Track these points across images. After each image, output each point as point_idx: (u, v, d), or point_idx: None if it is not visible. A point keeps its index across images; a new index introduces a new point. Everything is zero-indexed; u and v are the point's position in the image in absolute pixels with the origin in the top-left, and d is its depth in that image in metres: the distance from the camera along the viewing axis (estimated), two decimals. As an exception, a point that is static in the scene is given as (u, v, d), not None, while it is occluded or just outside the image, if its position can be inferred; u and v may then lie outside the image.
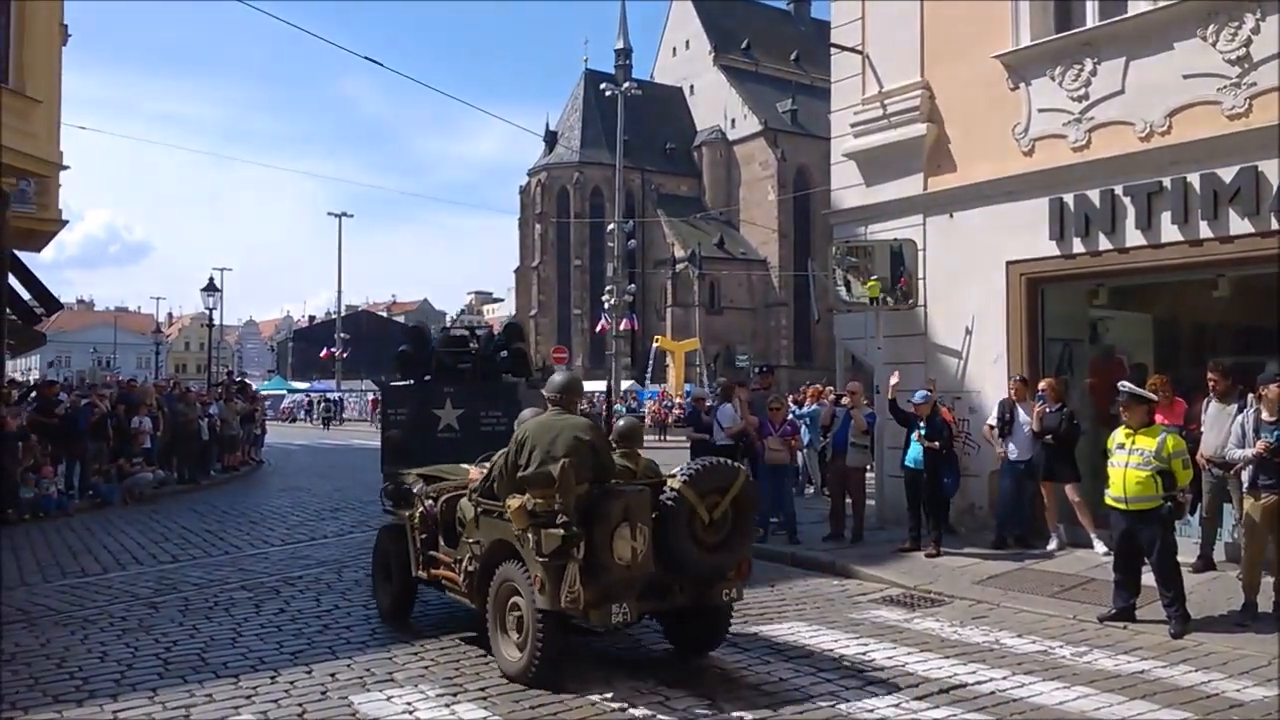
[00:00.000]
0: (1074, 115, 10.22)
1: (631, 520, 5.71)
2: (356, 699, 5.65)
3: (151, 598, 8.52)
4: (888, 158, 11.98)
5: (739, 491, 6.29)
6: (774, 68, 76.18)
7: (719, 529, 6.20)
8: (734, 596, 6.35)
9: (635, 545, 5.69)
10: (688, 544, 6.03)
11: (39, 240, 20.58)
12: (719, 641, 6.60)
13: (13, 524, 12.73)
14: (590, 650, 6.64)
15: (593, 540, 5.67)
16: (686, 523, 6.05)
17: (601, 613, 5.74)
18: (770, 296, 70.95)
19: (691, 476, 6.22)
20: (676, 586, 6.13)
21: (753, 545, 6.74)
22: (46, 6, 15.40)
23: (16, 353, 26.76)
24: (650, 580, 5.95)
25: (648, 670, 6.21)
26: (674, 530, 5.99)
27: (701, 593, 6.20)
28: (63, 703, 5.62)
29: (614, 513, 5.72)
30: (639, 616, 6.07)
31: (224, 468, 20.53)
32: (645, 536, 5.75)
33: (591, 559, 5.65)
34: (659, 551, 5.92)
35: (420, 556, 7.16)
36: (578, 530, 5.68)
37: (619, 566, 5.67)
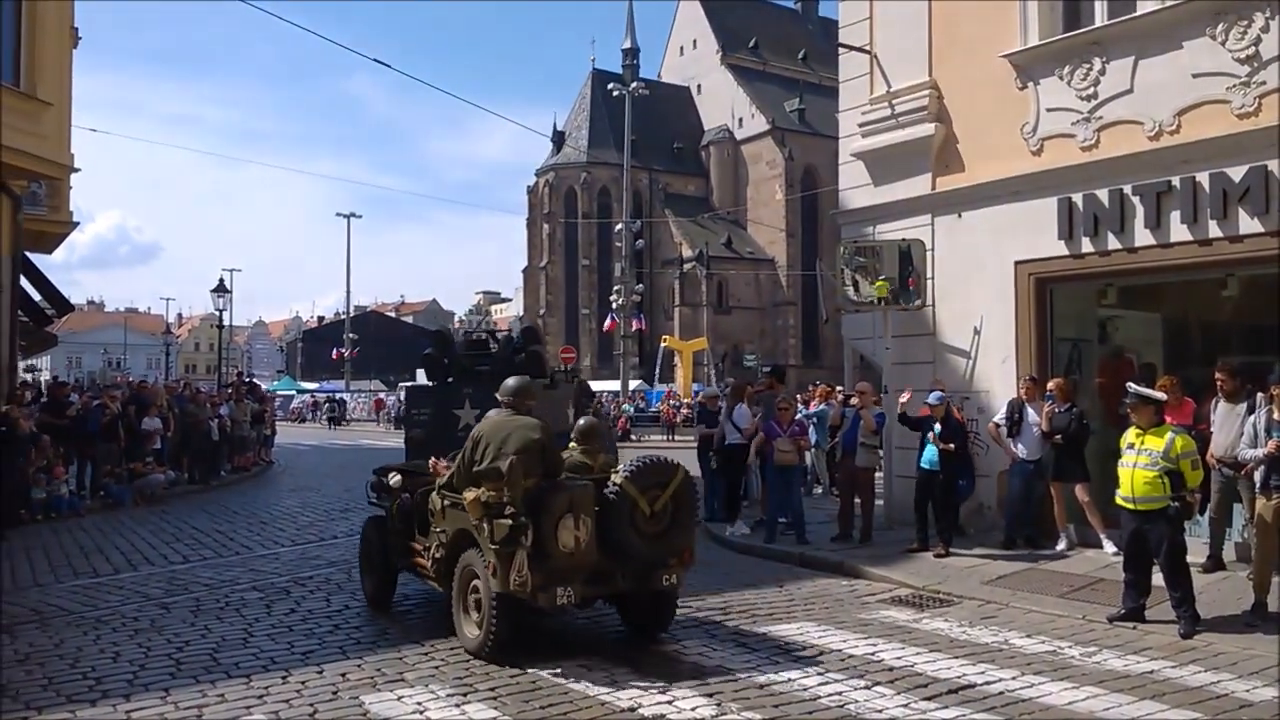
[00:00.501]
0: (1082, 115, 10.20)
1: (575, 512, 6.30)
2: (367, 699, 5.68)
3: (163, 598, 8.57)
4: (896, 157, 11.97)
5: (678, 486, 6.81)
6: (782, 67, 76.13)
7: (660, 520, 6.71)
8: (674, 582, 6.83)
9: (578, 534, 6.28)
10: (629, 534, 6.56)
11: (50, 242, 20.72)
12: (667, 624, 7.09)
13: (25, 524, 12.82)
14: (597, 650, 6.66)
15: (539, 529, 6.21)
16: (628, 514, 6.57)
17: (548, 595, 6.27)
18: (778, 296, 70.92)
19: (633, 473, 6.73)
20: (619, 573, 6.66)
21: (694, 535, 7.23)
22: (57, 9, 15.49)
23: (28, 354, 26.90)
24: (594, 567, 6.50)
25: (654, 671, 6.22)
26: (617, 521, 6.53)
27: (644, 579, 6.73)
28: (76, 702, 5.66)
29: (558, 505, 6.29)
30: (584, 600, 6.62)
31: (234, 468, 20.61)
32: (588, 527, 6.34)
33: (538, 546, 6.20)
34: (603, 540, 6.49)
35: (398, 545, 7.76)
36: (525, 520, 6.23)
37: (563, 554, 6.24)
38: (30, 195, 17.28)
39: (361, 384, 64.12)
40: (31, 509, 13.39)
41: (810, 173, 68.26)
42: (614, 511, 6.56)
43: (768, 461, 11.15)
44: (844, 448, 11.24)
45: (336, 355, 63.44)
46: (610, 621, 7.54)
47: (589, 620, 7.58)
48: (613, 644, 6.89)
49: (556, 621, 7.52)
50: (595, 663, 6.36)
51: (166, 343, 72.00)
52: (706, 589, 8.83)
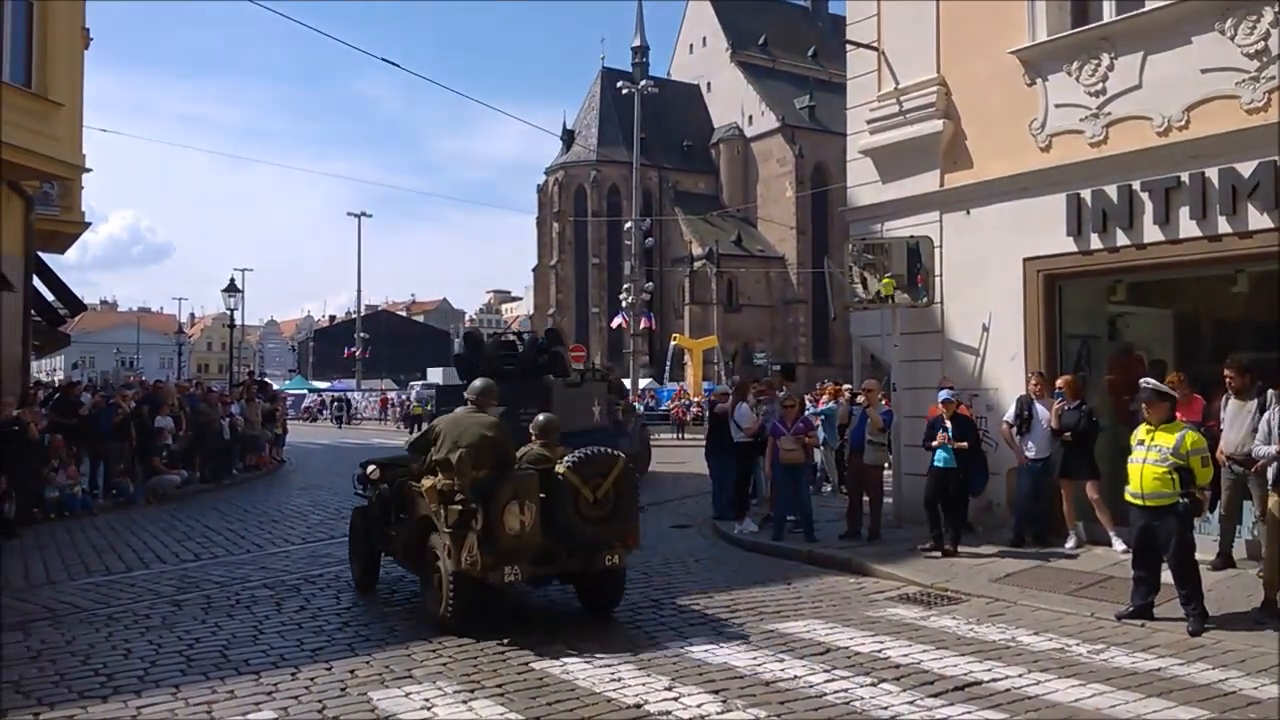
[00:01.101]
0: (1091, 111, 10.17)
1: (520, 498, 6.94)
2: (375, 695, 5.72)
3: (174, 595, 8.63)
4: (904, 154, 11.96)
5: (619, 475, 7.44)
6: (791, 64, 76.02)
7: (602, 506, 7.33)
8: (616, 562, 7.43)
9: (523, 519, 6.92)
10: (573, 518, 7.19)
11: (62, 242, 20.87)
12: (616, 601, 7.73)
13: (38, 523, 12.91)
14: (604, 648, 6.68)
15: (488, 514, 6.86)
16: (572, 501, 7.20)
17: (497, 574, 6.92)
18: (788, 294, 70.82)
19: (575, 463, 7.35)
20: (564, 553, 7.30)
21: (637, 520, 7.71)
22: (68, 11, 15.59)
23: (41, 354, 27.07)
24: (540, 548, 7.13)
25: (660, 667, 6.24)
26: (561, 507, 7.17)
27: (589, 559, 7.34)
28: (88, 699, 5.71)
29: (505, 492, 6.94)
30: (531, 578, 7.33)
31: (246, 467, 20.71)
32: (532, 512, 6.98)
33: (487, 530, 6.85)
34: (548, 524, 7.13)
35: (378, 532, 8.45)
36: (475, 506, 6.90)
37: (509, 536, 6.88)
38: (42, 196, 17.41)
39: (373, 383, 64.29)
40: (45, 508, 13.48)
41: (820, 170, 68.11)
42: (559, 498, 7.17)
43: (775, 459, 11.15)
44: (852, 445, 11.23)
45: (347, 354, 63.69)
46: (617, 619, 7.57)
47: (596, 618, 7.61)
48: (620, 641, 6.91)
49: (565, 619, 7.56)
50: (601, 660, 6.39)
51: (179, 342, 72.46)
52: (714, 586, 8.85)
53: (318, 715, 5.42)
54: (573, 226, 72.95)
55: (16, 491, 12.09)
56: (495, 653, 6.60)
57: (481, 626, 6.85)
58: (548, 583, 7.91)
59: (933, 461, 10.06)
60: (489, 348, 16.87)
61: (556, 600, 8.33)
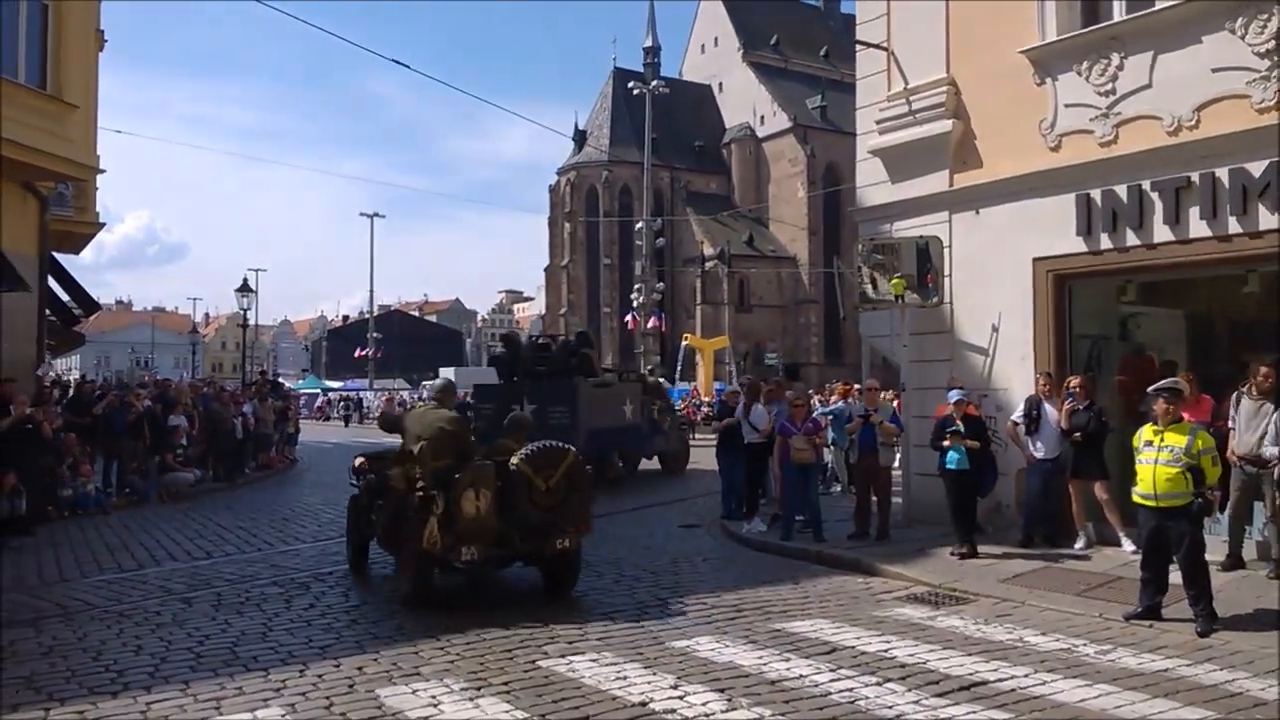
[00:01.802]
0: (1101, 110, 10.13)
1: (475, 486, 7.71)
2: (382, 692, 5.75)
3: (185, 593, 8.70)
4: (913, 154, 11.93)
5: (569, 467, 8.19)
6: (803, 64, 75.83)
7: (554, 495, 8.07)
8: (567, 546, 8.14)
9: (479, 504, 7.68)
10: (526, 506, 7.93)
11: (77, 242, 21.03)
12: (573, 583, 8.43)
13: (52, 521, 13.02)
14: (609, 646, 6.71)
15: (448, 500, 7.61)
16: (525, 490, 7.93)
17: (455, 553, 7.69)
18: (800, 294, 70.68)
19: (527, 455, 8.10)
20: (518, 537, 7.98)
21: (588, 507, 8.50)
22: (82, 13, 15.70)
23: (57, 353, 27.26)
24: (496, 531, 7.85)
25: (665, 666, 6.26)
26: (516, 495, 7.90)
27: (541, 543, 8.06)
28: (98, 694, 5.76)
29: (462, 480, 7.70)
30: (487, 559, 8.00)
31: (259, 466, 20.82)
32: (487, 499, 7.73)
33: (446, 514, 7.60)
34: (504, 510, 7.86)
35: (364, 518, 9.34)
36: (435, 493, 7.66)
37: (467, 519, 7.64)
38: (57, 196, 17.55)
39: (385, 382, 64.46)
40: (59, 505, 13.60)
41: (832, 170, 67.89)
42: (513, 487, 7.91)
43: (784, 459, 11.14)
44: (860, 446, 11.22)
45: (360, 354, 63.90)
46: (623, 618, 7.60)
47: (602, 616, 7.64)
48: (626, 640, 6.93)
49: (567, 615, 7.59)
50: (607, 658, 6.42)
51: (193, 341, 72.70)
52: (721, 586, 8.86)
53: (325, 712, 5.46)
54: (584, 227, 72.96)
55: (29, 489, 12.18)
56: (502, 651, 6.63)
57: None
58: (508, 564, 8.52)
59: (945, 464, 10.01)
60: (525, 350, 17.95)
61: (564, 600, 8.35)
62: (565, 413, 16.13)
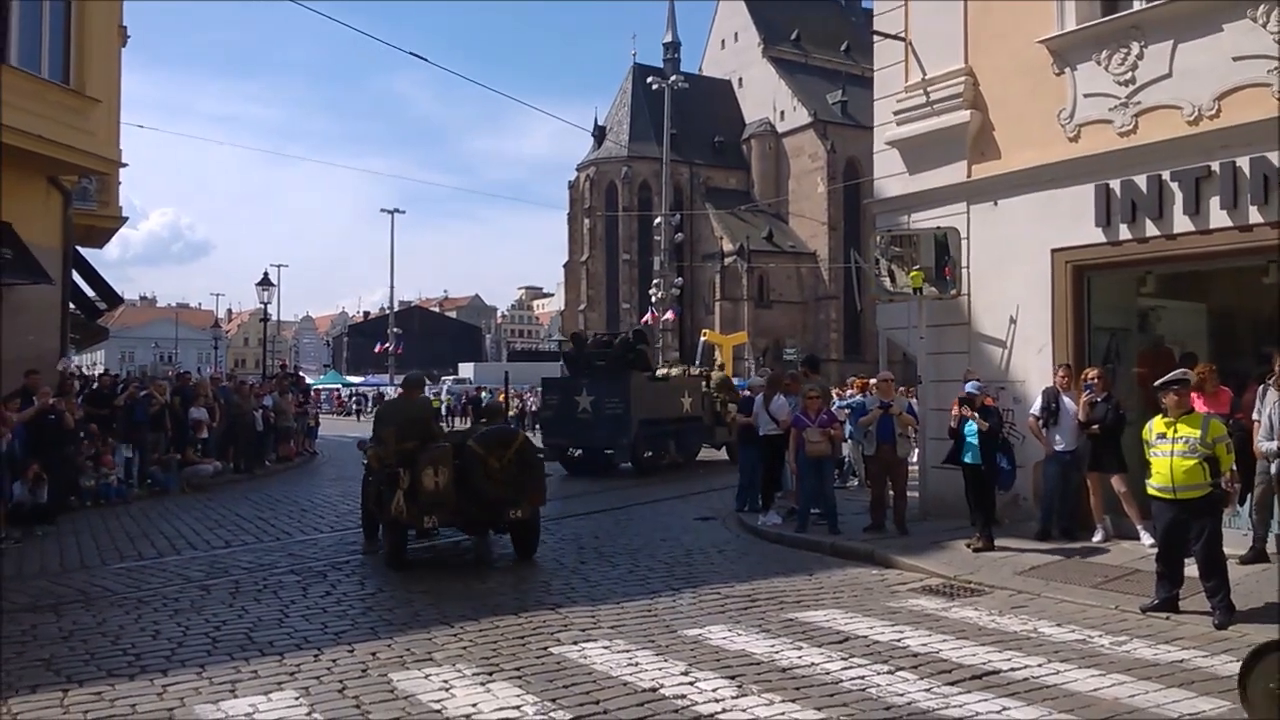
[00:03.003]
0: (1120, 100, 10.04)
1: (434, 464, 8.99)
2: (395, 676, 5.80)
3: (203, 580, 8.79)
4: (931, 145, 11.86)
5: (519, 448, 9.46)
6: (824, 59, 75.55)
7: (505, 472, 9.21)
8: (520, 516, 9.42)
9: (438, 480, 8.96)
10: (482, 481, 9.10)
11: (100, 237, 21.23)
12: (533, 548, 9.71)
13: (75, 511, 13.18)
14: (621, 634, 6.72)
15: (413, 476, 8.93)
16: (480, 467, 9.08)
17: (419, 521, 9.11)
18: (820, 290, 70.43)
19: (479, 437, 9.47)
20: (474, 508, 9.24)
21: (542, 483, 9.74)
22: (105, 9, 15.84)
23: (80, 347, 27.57)
24: (454, 503, 9.10)
25: (677, 653, 6.27)
26: (471, 472, 9.08)
27: (495, 513, 9.38)
28: (115, 676, 5.84)
29: (423, 460, 9.00)
30: (449, 524, 9.55)
31: (278, 458, 20.98)
32: (446, 475, 9.00)
33: (411, 488, 8.94)
34: (461, 485, 9.08)
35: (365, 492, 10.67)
36: (402, 471, 9.02)
37: (427, 492, 8.93)
38: (80, 191, 17.73)
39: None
40: (81, 496, 13.76)
41: (853, 165, 67.61)
42: (468, 465, 9.07)
43: (799, 452, 11.12)
44: (878, 438, 11.17)
45: (380, 349, 64.20)
46: (636, 607, 7.62)
47: (615, 604, 7.66)
48: (638, 628, 6.95)
49: (581, 604, 7.61)
50: (619, 645, 6.44)
51: (215, 336, 73.25)
52: (735, 577, 8.86)
53: (338, 695, 5.50)
54: (604, 223, 72.99)
55: (52, 479, 12.33)
56: (515, 637, 6.67)
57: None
58: (481, 531, 9.89)
59: (962, 459, 9.95)
60: (588, 346, 19.89)
61: (577, 588, 8.39)
62: (619, 404, 17.64)
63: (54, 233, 15.90)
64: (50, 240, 15.63)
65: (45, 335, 15.60)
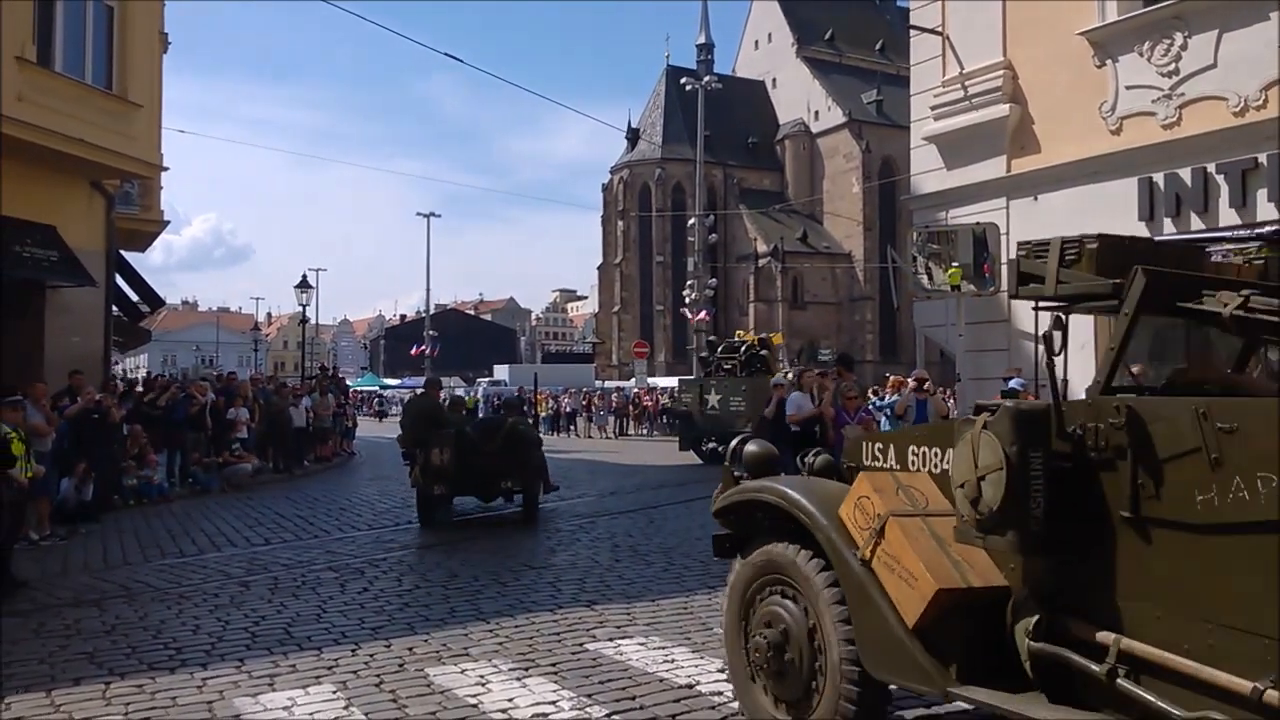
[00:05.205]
0: (1164, 91, 9.90)
1: (439, 446, 11.41)
2: (432, 671, 5.80)
3: (243, 577, 8.86)
4: (969, 140, 11.77)
5: (508, 433, 11.87)
6: (858, 58, 75.04)
7: (497, 451, 11.63)
8: (511, 486, 12.01)
9: (442, 458, 11.38)
10: (476, 459, 11.45)
11: (142, 241, 21.57)
12: (530, 512, 12.13)
13: (117, 509, 13.38)
14: (656, 630, 6.69)
15: (425, 455, 11.51)
16: (475, 449, 11.49)
17: (430, 489, 11.62)
18: (855, 291, 69.96)
19: (475, 425, 12.59)
20: (473, 481, 11.75)
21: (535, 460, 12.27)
22: (147, 14, 16.09)
23: (124, 349, 28.03)
24: (456, 476, 11.46)
25: (715, 652, 6.21)
26: (467, 452, 11.43)
27: (491, 485, 11.95)
28: (156, 669, 5.90)
29: (432, 442, 11.50)
30: (452, 492, 11.88)
31: (316, 458, 21.17)
32: (448, 454, 11.36)
33: (424, 464, 11.54)
34: (460, 462, 11.37)
35: None
36: (417, 451, 11.76)
37: (434, 467, 11.42)
38: (123, 195, 18.02)
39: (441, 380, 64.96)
40: (124, 495, 13.96)
41: (888, 164, 67.08)
42: (466, 447, 11.45)
43: (835, 448, 11.02)
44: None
45: (416, 352, 64.65)
46: (671, 604, 7.58)
47: (650, 602, 7.63)
48: (674, 626, 6.91)
49: (616, 601, 7.59)
50: (654, 642, 6.40)
51: (255, 339, 74.15)
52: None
53: (375, 689, 5.51)
54: (637, 225, 73.00)
55: (97, 477, 12.53)
56: (551, 634, 6.65)
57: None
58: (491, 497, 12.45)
59: None
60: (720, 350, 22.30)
61: (613, 585, 8.36)
62: (742, 402, 19.65)
63: (97, 236, 16.17)
64: (93, 243, 15.89)
65: (89, 337, 15.87)
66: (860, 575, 3.83)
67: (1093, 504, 3.23)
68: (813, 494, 4.27)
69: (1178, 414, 3.00)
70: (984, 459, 3.33)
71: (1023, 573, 3.51)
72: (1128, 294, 3.35)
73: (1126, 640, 3.06)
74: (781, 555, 4.27)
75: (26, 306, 14.52)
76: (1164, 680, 2.92)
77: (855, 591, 3.85)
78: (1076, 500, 3.25)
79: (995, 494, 3.26)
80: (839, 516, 4.03)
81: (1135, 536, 3.09)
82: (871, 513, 3.86)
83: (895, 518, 3.78)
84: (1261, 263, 3.80)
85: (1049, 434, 3.31)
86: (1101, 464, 3.19)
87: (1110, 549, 3.17)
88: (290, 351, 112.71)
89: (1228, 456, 2.80)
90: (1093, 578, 3.25)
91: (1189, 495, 2.90)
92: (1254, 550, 2.73)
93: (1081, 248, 3.68)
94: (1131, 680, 3.01)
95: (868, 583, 3.80)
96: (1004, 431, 3.27)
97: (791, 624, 4.17)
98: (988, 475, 3.31)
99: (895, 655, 3.67)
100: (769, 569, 4.36)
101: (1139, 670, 3.00)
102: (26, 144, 13.07)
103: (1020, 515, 3.22)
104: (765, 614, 4.33)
